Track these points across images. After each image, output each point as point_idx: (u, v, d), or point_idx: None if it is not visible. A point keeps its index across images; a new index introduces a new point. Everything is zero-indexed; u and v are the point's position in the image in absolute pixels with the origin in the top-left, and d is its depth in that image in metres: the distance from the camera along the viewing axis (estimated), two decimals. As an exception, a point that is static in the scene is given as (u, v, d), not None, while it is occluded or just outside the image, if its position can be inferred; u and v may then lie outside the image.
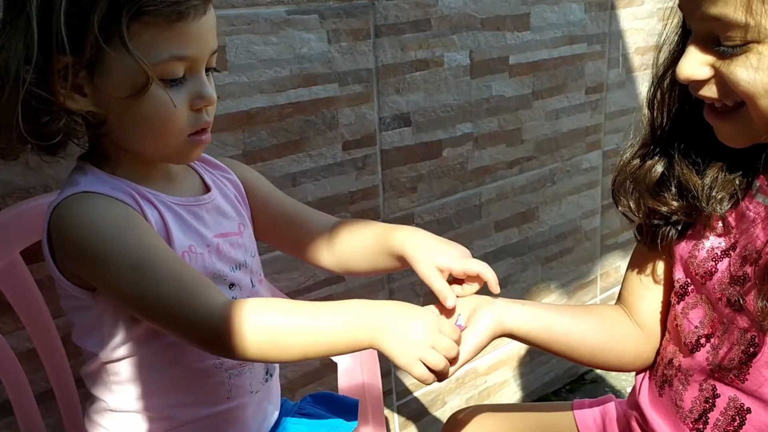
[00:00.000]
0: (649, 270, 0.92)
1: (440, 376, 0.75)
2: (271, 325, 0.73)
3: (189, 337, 0.77)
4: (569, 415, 1.03)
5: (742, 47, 0.68)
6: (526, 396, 1.96)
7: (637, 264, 0.95)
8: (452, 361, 0.76)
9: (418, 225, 1.53)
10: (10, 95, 0.75)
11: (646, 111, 0.86)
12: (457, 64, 1.49)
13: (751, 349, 0.77)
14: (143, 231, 0.78)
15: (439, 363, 0.73)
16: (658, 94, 0.84)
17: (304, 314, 0.74)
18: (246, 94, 1.20)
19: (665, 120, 0.84)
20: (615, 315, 0.95)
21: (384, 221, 1.47)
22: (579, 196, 1.90)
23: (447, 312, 0.86)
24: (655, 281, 0.92)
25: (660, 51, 0.83)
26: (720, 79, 0.71)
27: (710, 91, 0.73)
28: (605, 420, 1.01)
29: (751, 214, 0.79)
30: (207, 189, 0.92)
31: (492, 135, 1.62)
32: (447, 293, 0.85)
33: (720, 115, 0.75)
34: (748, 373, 0.78)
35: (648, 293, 0.93)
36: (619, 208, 0.90)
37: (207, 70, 0.82)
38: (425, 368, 0.73)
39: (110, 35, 0.73)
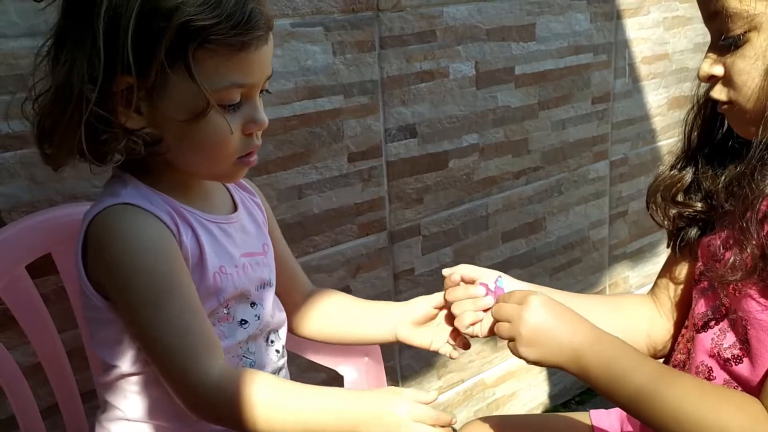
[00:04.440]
0: (679, 265, 0.97)
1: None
2: (263, 404, 0.75)
3: (177, 395, 0.78)
4: (585, 416, 1.05)
5: (743, 38, 0.75)
6: (534, 408, 1.95)
7: (670, 260, 0.99)
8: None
9: (424, 236, 1.53)
10: (73, 114, 0.75)
11: (683, 129, 0.92)
12: (462, 74, 1.49)
13: (746, 335, 0.79)
14: (170, 260, 0.78)
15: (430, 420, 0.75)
16: (698, 118, 0.90)
17: (299, 400, 0.77)
18: (251, 107, 1.20)
19: (699, 137, 0.91)
20: (644, 310, 0.99)
21: (390, 233, 1.46)
22: (586, 206, 1.89)
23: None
24: (685, 275, 0.96)
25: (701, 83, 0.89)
26: (728, 73, 0.78)
27: (721, 90, 0.79)
28: (623, 426, 1.02)
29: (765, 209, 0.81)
30: (235, 207, 0.93)
31: (498, 145, 1.62)
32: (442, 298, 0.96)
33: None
34: (743, 359, 0.80)
35: (677, 287, 0.97)
36: (650, 212, 0.96)
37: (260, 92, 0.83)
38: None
39: (175, 61, 0.74)
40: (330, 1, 1.26)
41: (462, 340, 0.97)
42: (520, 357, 0.80)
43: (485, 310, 0.91)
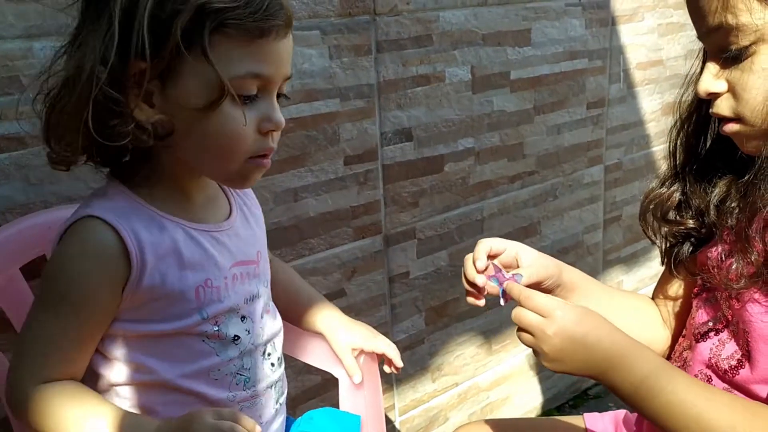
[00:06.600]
0: (675, 281, 0.98)
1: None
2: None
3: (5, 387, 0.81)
4: (579, 420, 1.05)
5: (749, 51, 0.72)
6: (528, 412, 1.95)
7: (665, 277, 0.99)
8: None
9: (419, 240, 1.53)
10: (81, 93, 0.73)
11: (668, 146, 0.92)
12: (458, 79, 1.50)
13: (747, 346, 0.80)
14: (91, 282, 0.78)
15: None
16: (682, 134, 0.89)
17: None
18: (247, 110, 1.20)
19: (684, 153, 0.90)
20: (649, 315, 1.00)
21: (386, 236, 1.46)
22: (581, 211, 1.90)
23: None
24: (682, 290, 0.97)
25: (685, 93, 0.88)
26: (733, 88, 0.75)
27: (726, 106, 0.77)
28: (617, 429, 1.03)
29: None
30: (231, 212, 0.91)
31: (493, 150, 1.62)
32: (354, 371, 1.05)
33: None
34: (741, 369, 0.81)
35: (674, 302, 0.98)
36: (641, 227, 0.96)
37: (277, 95, 0.81)
38: None
39: (191, 44, 0.72)
40: (327, 4, 1.26)
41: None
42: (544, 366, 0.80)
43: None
